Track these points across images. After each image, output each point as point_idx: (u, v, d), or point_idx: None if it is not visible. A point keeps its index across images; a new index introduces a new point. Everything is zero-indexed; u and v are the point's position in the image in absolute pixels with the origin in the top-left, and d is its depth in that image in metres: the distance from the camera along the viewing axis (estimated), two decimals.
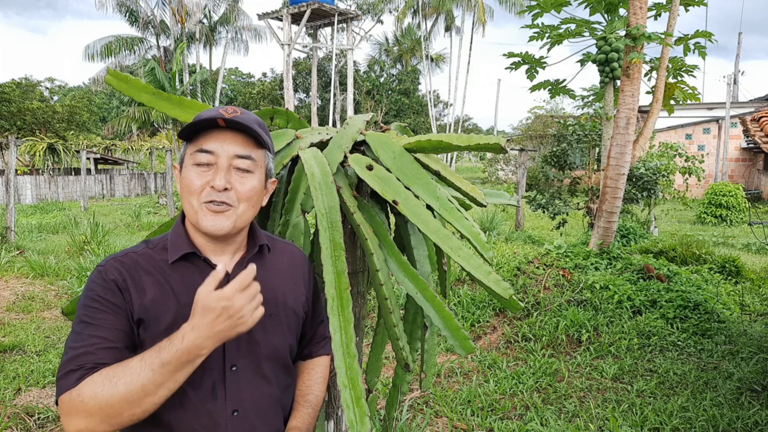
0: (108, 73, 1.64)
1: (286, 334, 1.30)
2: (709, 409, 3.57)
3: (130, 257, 1.20)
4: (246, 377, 1.22)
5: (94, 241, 9.03)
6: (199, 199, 1.17)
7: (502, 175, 29.77)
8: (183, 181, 1.20)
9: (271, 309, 1.26)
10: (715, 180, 20.37)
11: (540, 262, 6.17)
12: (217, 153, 1.17)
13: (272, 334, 1.26)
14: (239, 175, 1.19)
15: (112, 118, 37.89)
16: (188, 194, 1.18)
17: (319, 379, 1.43)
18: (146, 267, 1.20)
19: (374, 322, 4.67)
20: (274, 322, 1.27)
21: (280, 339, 1.28)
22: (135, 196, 25.60)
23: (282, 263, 1.35)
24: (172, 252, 1.21)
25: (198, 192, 1.17)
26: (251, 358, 1.23)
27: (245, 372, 1.22)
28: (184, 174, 1.20)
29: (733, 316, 5.19)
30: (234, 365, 1.20)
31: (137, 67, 25.27)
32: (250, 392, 1.22)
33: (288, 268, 1.35)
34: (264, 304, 1.23)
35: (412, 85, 41.67)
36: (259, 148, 1.23)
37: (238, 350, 1.21)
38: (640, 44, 6.16)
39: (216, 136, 1.18)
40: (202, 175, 1.17)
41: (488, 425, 3.46)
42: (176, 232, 1.25)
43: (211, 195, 1.16)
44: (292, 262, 1.37)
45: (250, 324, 1.09)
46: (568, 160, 9.35)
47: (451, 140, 1.50)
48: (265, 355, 1.25)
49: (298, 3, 22.05)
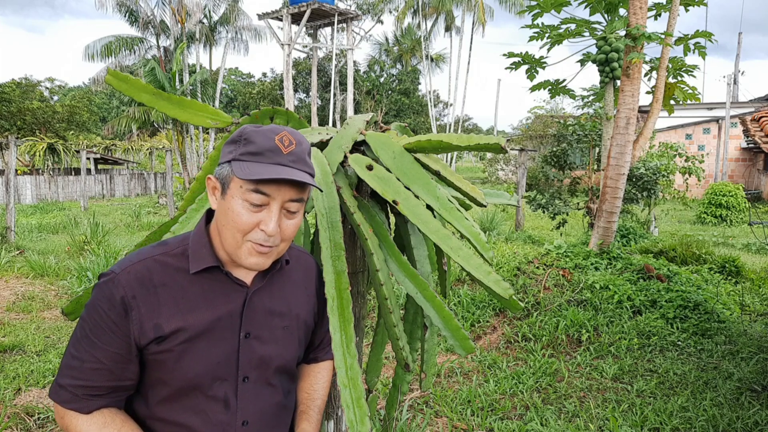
0: (108, 73, 1.63)
1: (297, 346, 1.31)
2: (709, 409, 3.57)
3: (144, 265, 1.16)
4: (256, 388, 1.23)
5: (94, 241, 9.03)
6: (246, 237, 1.13)
7: (502, 175, 29.77)
8: (228, 213, 1.13)
9: (286, 322, 1.27)
10: (715, 180, 20.37)
11: (540, 262, 6.17)
12: (273, 196, 1.12)
13: (285, 348, 1.27)
14: (287, 217, 1.16)
15: (112, 118, 37.85)
16: (234, 229, 1.13)
17: (325, 383, 1.44)
18: (162, 278, 1.16)
19: (374, 322, 4.67)
20: (287, 334, 1.28)
21: (291, 351, 1.29)
22: (135, 196, 25.61)
23: (297, 274, 1.34)
24: (194, 262, 1.18)
25: (246, 231, 1.13)
26: (263, 370, 1.23)
27: (256, 383, 1.22)
28: (231, 204, 1.12)
29: (733, 316, 5.18)
30: (246, 377, 1.21)
31: (137, 67, 25.24)
32: (259, 402, 1.23)
33: (302, 279, 1.35)
34: (280, 318, 1.26)
35: (412, 85, 41.67)
36: (309, 186, 1.20)
37: (250, 362, 1.21)
38: (640, 44, 6.16)
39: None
40: (253, 215, 1.12)
41: (488, 425, 3.46)
42: (200, 241, 1.20)
43: (259, 238, 1.13)
44: (306, 272, 1.37)
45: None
46: (568, 160, 9.35)
47: (451, 140, 1.50)
48: (276, 367, 1.26)
49: (298, 3, 22.06)
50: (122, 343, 1.12)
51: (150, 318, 1.13)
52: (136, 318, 1.12)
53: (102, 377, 1.12)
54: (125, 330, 1.12)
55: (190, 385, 1.16)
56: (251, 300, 1.22)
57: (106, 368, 1.12)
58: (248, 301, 1.21)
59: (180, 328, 1.14)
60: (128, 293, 1.12)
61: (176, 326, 1.14)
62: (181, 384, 1.16)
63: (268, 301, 1.25)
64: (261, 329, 1.23)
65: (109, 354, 1.12)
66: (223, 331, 1.18)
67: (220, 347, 1.17)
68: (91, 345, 1.12)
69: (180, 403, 1.17)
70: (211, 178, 1.18)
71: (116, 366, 1.13)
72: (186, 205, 1.60)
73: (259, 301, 1.23)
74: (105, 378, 1.13)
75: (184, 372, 1.15)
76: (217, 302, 1.18)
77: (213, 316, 1.17)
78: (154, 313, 1.13)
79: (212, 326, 1.17)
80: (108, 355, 1.12)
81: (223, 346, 1.18)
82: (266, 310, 1.24)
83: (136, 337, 1.13)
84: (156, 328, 1.13)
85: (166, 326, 1.13)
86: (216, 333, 1.17)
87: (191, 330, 1.15)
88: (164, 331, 1.13)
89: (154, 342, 1.13)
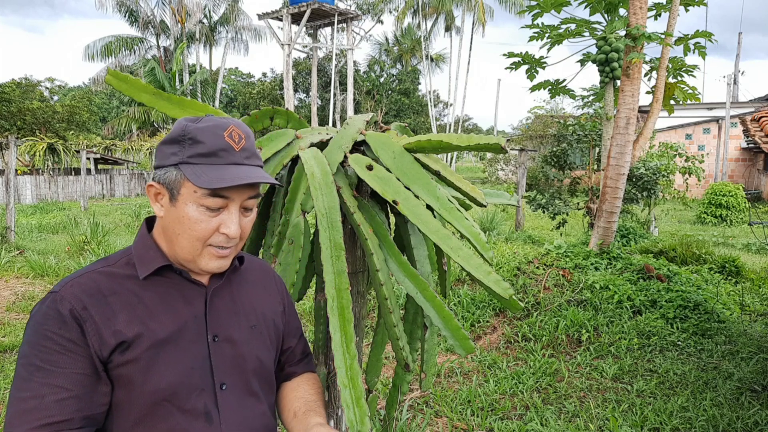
0: (108, 73, 1.63)
1: (268, 346, 1.23)
2: (709, 409, 3.57)
3: (89, 277, 1.06)
4: (237, 396, 1.14)
5: (94, 241, 9.03)
6: (205, 243, 1.07)
7: (502, 175, 29.77)
8: (182, 220, 1.05)
9: (252, 320, 1.21)
10: (715, 180, 20.37)
11: (540, 262, 6.17)
12: (232, 198, 1.07)
13: (256, 347, 1.19)
14: (244, 215, 1.11)
15: (112, 118, 37.88)
16: (191, 237, 1.06)
17: (316, 389, 1.34)
18: (111, 287, 1.06)
19: (374, 322, 4.67)
20: (256, 333, 1.21)
21: (264, 352, 1.21)
22: (135, 196, 25.60)
23: (254, 275, 1.29)
24: (142, 267, 1.09)
25: (206, 237, 1.07)
26: (239, 374, 1.15)
27: (235, 391, 1.14)
28: (185, 212, 1.05)
29: (733, 316, 5.19)
30: (223, 383, 1.12)
31: (137, 67, 25.27)
32: (243, 413, 1.14)
33: (261, 279, 1.30)
34: (245, 317, 1.20)
35: (412, 85, 41.68)
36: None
37: (224, 366, 1.13)
38: (640, 44, 6.16)
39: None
40: (211, 220, 1.06)
41: (488, 425, 3.46)
42: (144, 244, 1.13)
43: (221, 241, 1.08)
44: (263, 273, 1.32)
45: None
46: (568, 160, 9.35)
47: (451, 140, 1.50)
48: (253, 370, 1.18)
49: (298, 3, 22.06)
50: (84, 361, 1.00)
51: (107, 326, 1.02)
52: (92, 329, 1.01)
53: (70, 408, 0.97)
54: (83, 346, 1.00)
55: (164, 399, 1.04)
56: (212, 300, 1.15)
57: (73, 396, 0.98)
58: (209, 301, 1.14)
59: (141, 333, 1.04)
60: (77, 305, 1.01)
61: (138, 331, 1.04)
62: (153, 399, 1.04)
63: (230, 300, 1.18)
64: (228, 330, 1.15)
65: (73, 378, 0.98)
66: (189, 335, 1.10)
67: (189, 353, 1.08)
68: (48, 375, 0.97)
69: (156, 427, 1.05)
70: (153, 185, 1.08)
71: (84, 391, 0.99)
72: None
73: (220, 301, 1.16)
74: (73, 408, 0.98)
75: (155, 383, 1.03)
76: (177, 306, 1.10)
77: (176, 320, 1.09)
78: (110, 321, 1.02)
79: (177, 331, 1.08)
80: (72, 380, 0.98)
81: (192, 352, 1.09)
82: (229, 309, 1.17)
83: (97, 349, 1.00)
84: (116, 334, 1.02)
85: (127, 331, 1.03)
86: (183, 338, 1.09)
87: (154, 336, 1.05)
88: (126, 335, 1.02)
89: (117, 351, 1.02)
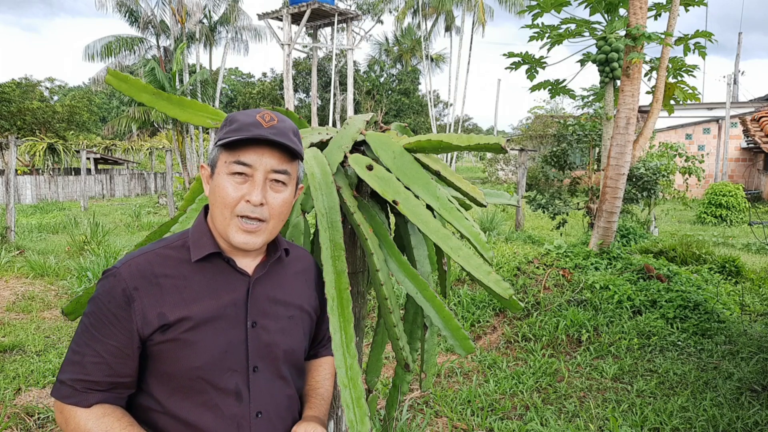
0: (108, 73, 1.64)
1: (302, 336, 1.32)
2: (709, 409, 3.57)
3: (146, 258, 1.19)
4: (267, 379, 1.23)
5: (94, 241, 9.03)
6: (233, 212, 1.16)
7: (502, 175, 29.76)
8: (216, 190, 1.18)
9: (291, 312, 1.29)
10: (715, 180, 20.36)
11: (540, 262, 6.16)
12: (255, 166, 1.16)
13: (291, 337, 1.28)
14: (274, 190, 1.19)
15: (112, 118, 37.84)
16: (221, 204, 1.17)
17: (327, 375, 1.44)
18: (164, 269, 1.18)
19: (374, 322, 4.67)
20: (292, 324, 1.29)
21: (297, 341, 1.30)
22: (135, 196, 25.61)
23: (297, 267, 1.37)
24: (195, 250, 1.20)
25: (233, 205, 1.16)
26: (272, 359, 1.24)
27: (265, 373, 1.23)
28: (217, 182, 1.18)
29: (733, 316, 5.19)
30: (256, 366, 1.21)
31: (137, 67, 25.23)
32: (271, 394, 1.24)
33: (302, 272, 1.38)
34: (284, 307, 1.28)
35: (412, 85, 41.67)
36: (294, 160, 1.23)
37: (259, 351, 1.22)
38: (640, 44, 6.16)
39: (254, 148, 1.17)
40: (238, 188, 1.16)
41: (488, 425, 3.46)
42: (199, 229, 1.24)
43: (246, 210, 1.16)
44: (305, 265, 1.40)
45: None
46: (568, 160, 9.34)
47: (451, 140, 1.50)
48: (284, 357, 1.27)
49: (298, 3, 22.05)
50: (123, 336, 1.13)
51: (153, 308, 1.14)
52: (139, 309, 1.13)
53: (101, 372, 1.13)
54: (127, 322, 1.13)
55: (199, 376, 1.15)
56: (254, 289, 1.23)
57: (105, 362, 1.13)
58: (251, 290, 1.23)
59: (184, 317, 1.15)
60: (129, 285, 1.14)
61: (181, 315, 1.15)
62: (190, 375, 1.15)
63: (271, 290, 1.26)
64: (267, 318, 1.24)
65: (108, 348, 1.13)
66: (228, 320, 1.19)
67: (226, 336, 1.18)
68: (92, 339, 1.13)
69: (191, 399, 1.17)
70: (204, 166, 1.24)
71: (115, 360, 1.13)
72: (186, 205, 1.60)
73: (261, 290, 1.25)
74: (104, 373, 1.13)
75: (192, 361, 1.14)
76: (221, 291, 1.20)
77: (217, 305, 1.18)
78: (157, 303, 1.14)
79: (217, 315, 1.18)
80: (107, 349, 1.13)
81: (230, 335, 1.18)
82: (269, 298, 1.26)
83: (139, 327, 1.13)
84: (160, 316, 1.14)
85: (170, 315, 1.14)
86: (221, 322, 1.18)
87: (196, 319, 1.15)
88: (169, 319, 1.14)
89: (158, 331, 1.14)
